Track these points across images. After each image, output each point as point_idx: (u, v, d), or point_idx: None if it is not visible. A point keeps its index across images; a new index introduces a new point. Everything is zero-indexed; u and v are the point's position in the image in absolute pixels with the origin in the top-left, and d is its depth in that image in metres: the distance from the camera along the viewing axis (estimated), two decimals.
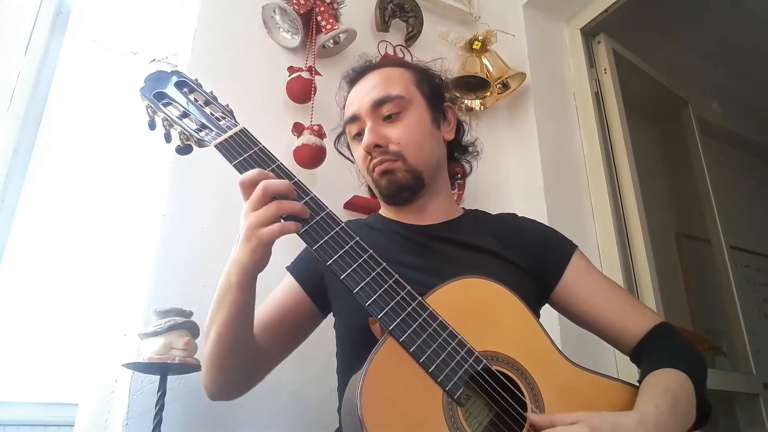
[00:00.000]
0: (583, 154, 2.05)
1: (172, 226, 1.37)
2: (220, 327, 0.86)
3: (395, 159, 1.00)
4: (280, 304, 1.03)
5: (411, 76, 1.08)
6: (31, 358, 1.68)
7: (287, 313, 1.02)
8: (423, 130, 1.04)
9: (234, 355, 0.90)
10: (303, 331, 1.07)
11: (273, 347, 1.00)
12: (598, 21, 2.13)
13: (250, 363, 0.96)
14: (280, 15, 1.70)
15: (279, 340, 1.01)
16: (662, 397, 0.80)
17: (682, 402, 0.82)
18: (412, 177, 1.00)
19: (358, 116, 1.04)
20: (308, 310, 1.04)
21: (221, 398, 0.98)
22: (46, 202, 1.74)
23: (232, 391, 0.99)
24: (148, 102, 0.86)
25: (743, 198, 3.04)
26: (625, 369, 1.69)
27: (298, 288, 1.03)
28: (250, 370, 0.98)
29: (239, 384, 0.99)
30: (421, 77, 1.10)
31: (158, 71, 0.91)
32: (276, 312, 1.01)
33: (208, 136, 0.84)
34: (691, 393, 0.84)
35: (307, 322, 1.06)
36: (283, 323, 1.01)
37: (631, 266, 1.88)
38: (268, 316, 1.00)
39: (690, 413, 0.83)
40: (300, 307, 1.03)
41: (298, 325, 1.04)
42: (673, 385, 0.83)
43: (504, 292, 0.85)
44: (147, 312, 1.23)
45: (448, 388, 0.72)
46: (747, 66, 2.99)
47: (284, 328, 1.02)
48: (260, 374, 1.01)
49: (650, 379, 0.86)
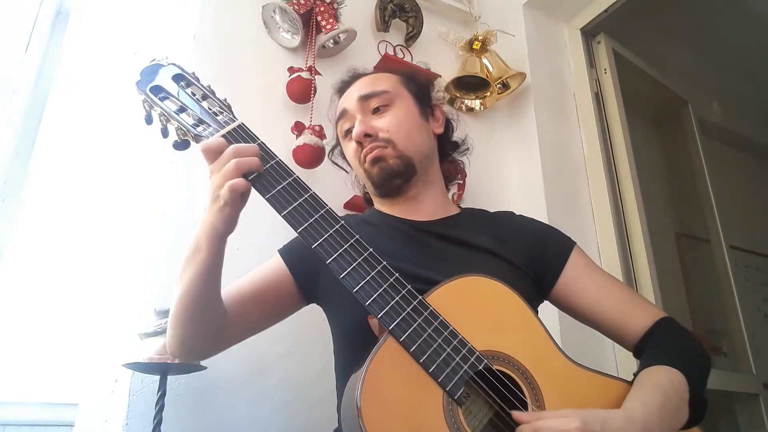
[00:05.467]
0: (583, 154, 2.05)
1: (172, 226, 1.37)
2: (186, 286, 0.86)
3: (385, 145, 1.02)
4: (262, 279, 1.02)
5: (397, 77, 1.13)
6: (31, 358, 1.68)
7: (268, 290, 1.01)
8: (411, 119, 1.06)
9: (196, 315, 0.89)
10: (279, 312, 1.05)
11: (244, 320, 0.99)
12: (598, 21, 2.13)
13: (214, 327, 0.93)
14: (280, 15, 1.70)
15: (252, 315, 1.00)
16: (651, 394, 0.80)
17: (672, 399, 0.81)
18: (402, 163, 1.02)
19: (347, 111, 1.07)
20: (290, 293, 1.03)
21: (181, 357, 0.98)
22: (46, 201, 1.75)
23: (192, 352, 0.98)
24: (144, 96, 0.85)
25: (743, 198, 3.03)
26: (625, 367, 1.69)
27: (284, 269, 1.02)
28: (214, 334, 0.95)
29: (199, 346, 0.96)
30: (408, 78, 1.14)
31: (155, 64, 0.89)
32: (256, 286, 1.00)
33: (206, 131, 0.83)
34: (682, 389, 0.83)
35: (285, 304, 1.04)
36: (260, 299, 1.00)
37: (631, 266, 1.88)
38: (248, 289, 1.00)
39: (681, 410, 0.82)
40: (282, 287, 1.02)
41: (275, 304, 1.03)
42: (663, 382, 0.83)
43: (505, 291, 0.84)
44: (147, 312, 1.23)
45: (448, 389, 0.72)
46: (747, 66, 2.99)
47: (260, 304, 1.00)
48: (223, 343, 0.99)
49: (642, 376, 0.86)
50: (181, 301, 0.88)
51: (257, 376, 1.35)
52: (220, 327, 0.94)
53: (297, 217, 0.78)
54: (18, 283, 1.70)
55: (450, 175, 1.19)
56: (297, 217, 0.78)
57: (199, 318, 0.90)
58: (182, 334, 0.91)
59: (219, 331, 0.95)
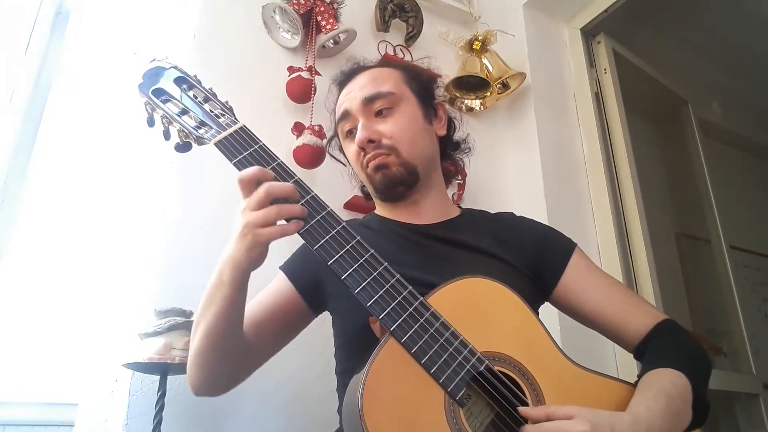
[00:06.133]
0: (583, 154, 2.05)
1: (172, 225, 1.37)
2: (210, 323, 0.85)
3: (388, 153, 1.00)
4: (271, 301, 1.02)
5: (400, 74, 1.10)
6: (31, 358, 1.68)
7: (277, 311, 1.01)
8: (415, 124, 1.04)
9: (221, 351, 0.89)
10: (292, 330, 1.06)
11: (261, 344, 0.99)
12: (598, 21, 2.13)
13: (238, 360, 0.94)
14: (280, 15, 1.70)
15: (268, 338, 1.00)
16: (655, 398, 0.80)
17: (676, 402, 0.81)
18: (405, 170, 1.01)
19: (350, 113, 1.04)
20: (299, 310, 1.03)
21: (206, 393, 0.97)
22: (47, 202, 1.74)
23: (218, 387, 0.98)
24: (146, 98, 0.85)
25: (743, 198, 3.04)
26: (625, 368, 1.69)
27: (290, 287, 1.02)
28: (237, 366, 0.96)
29: (224, 380, 0.97)
30: (411, 76, 1.11)
31: (157, 67, 0.89)
32: (266, 309, 1.00)
33: (208, 133, 0.83)
34: (686, 392, 0.83)
35: (296, 321, 1.05)
36: (272, 321, 1.00)
37: (631, 266, 1.88)
38: (259, 314, 0.99)
39: (684, 413, 0.82)
40: (291, 305, 1.02)
41: (287, 323, 1.03)
42: (667, 385, 0.83)
43: (506, 292, 0.84)
44: (147, 312, 1.23)
45: (450, 390, 0.72)
46: (747, 66, 2.99)
47: (274, 326, 1.01)
48: (246, 371, 1.00)
49: (646, 379, 0.86)
50: (206, 340, 0.87)
51: (257, 376, 1.34)
52: (243, 359, 0.95)
53: None
54: (18, 283, 1.69)
55: (450, 174, 1.18)
56: None
57: (224, 355, 0.90)
58: (208, 371, 0.91)
59: (243, 363, 0.96)
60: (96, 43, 1.87)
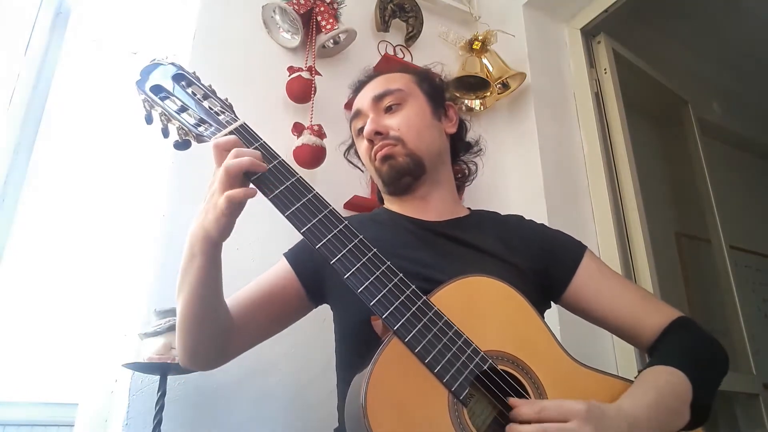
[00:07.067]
0: (583, 154, 2.04)
1: (172, 226, 1.37)
2: (187, 293, 0.85)
3: (395, 143, 1.03)
4: (270, 283, 1.01)
5: (412, 76, 1.13)
6: (31, 358, 1.68)
7: (275, 295, 1.00)
8: (423, 119, 1.07)
9: (201, 319, 0.88)
10: (287, 317, 1.05)
11: (252, 326, 0.98)
12: (598, 21, 2.13)
13: (220, 332, 0.93)
14: (280, 15, 1.70)
15: (260, 320, 0.99)
16: (644, 393, 0.80)
17: (666, 399, 0.81)
18: (412, 161, 1.02)
19: (361, 111, 1.08)
20: (298, 296, 1.02)
21: (192, 366, 0.96)
22: (46, 202, 1.74)
23: (202, 361, 0.96)
24: (144, 96, 0.84)
25: (743, 198, 3.04)
26: (625, 367, 1.69)
27: (291, 274, 1.02)
28: (221, 340, 0.94)
29: (207, 353, 0.95)
30: (422, 78, 1.14)
31: (155, 63, 0.88)
32: (264, 292, 1.00)
33: (208, 131, 0.82)
34: (682, 391, 0.83)
35: (293, 309, 1.04)
36: (268, 304, 0.99)
37: (631, 266, 1.88)
38: (255, 294, 0.99)
39: (678, 411, 0.82)
40: (289, 290, 1.01)
41: (284, 307, 1.02)
42: (660, 382, 0.83)
43: (509, 291, 0.84)
44: (147, 312, 1.22)
45: (453, 389, 0.72)
46: (747, 66, 2.99)
47: (268, 309, 1.00)
48: (232, 350, 0.98)
49: (641, 375, 0.86)
50: (185, 310, 0.87)
51: (257, 376, 1.35)
52: (226, 332, 0.93)
53: (300, 217, 0.77)
54: (18, 283, 1.69)
55: (461, 176, 1.19)
56: (300, 217, 0.77)
57: (205, 324, 0.89)
58: (190, 342, 0.91)
59: (226, 337, 0.94)
60: (96, 43, 1.87)
